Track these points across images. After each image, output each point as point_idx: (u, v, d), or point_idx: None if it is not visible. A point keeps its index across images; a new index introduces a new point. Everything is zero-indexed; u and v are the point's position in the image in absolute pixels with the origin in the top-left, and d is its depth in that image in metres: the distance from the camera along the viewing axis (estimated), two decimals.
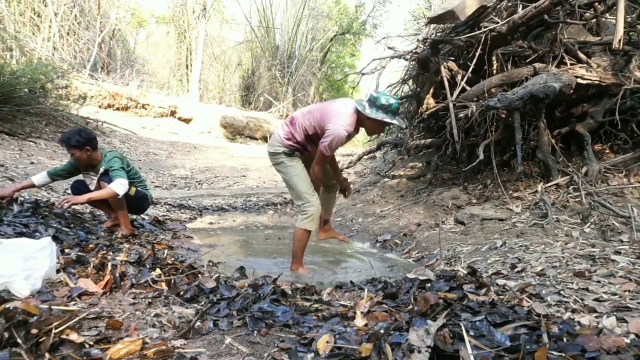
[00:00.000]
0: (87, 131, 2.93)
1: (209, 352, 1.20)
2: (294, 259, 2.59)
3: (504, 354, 1.07)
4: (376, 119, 2.34)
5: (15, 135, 5.64)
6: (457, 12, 3.27)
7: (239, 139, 13.27)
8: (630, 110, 3.49)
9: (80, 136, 2.79)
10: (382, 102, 2.33)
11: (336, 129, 2.31)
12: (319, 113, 2.42)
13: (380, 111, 2.34)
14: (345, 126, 2.33)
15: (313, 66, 16.20)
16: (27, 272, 1.51)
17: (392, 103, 2.34)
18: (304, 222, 2.50)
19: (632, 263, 1.96)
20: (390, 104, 2.33)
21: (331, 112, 2.38)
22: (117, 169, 2.79)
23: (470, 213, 3.38)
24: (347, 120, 2.35)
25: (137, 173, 3.17)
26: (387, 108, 2.33)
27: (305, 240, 2.56)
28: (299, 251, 2.57)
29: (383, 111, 2.34)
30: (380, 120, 2.35)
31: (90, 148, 2.82)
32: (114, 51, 13.98)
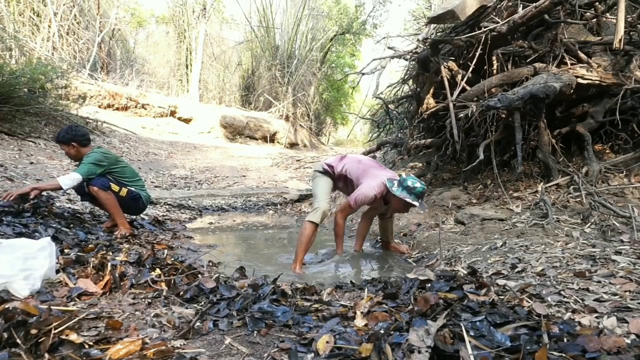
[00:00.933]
0: (77, 128, 2.97)
1: (208, 352, 1.20)
2: (295, 256, 2.70)
3: (504, 354, 1.07)
4: (399, 197, 2.60)
5: (15, 135, 5.64)
6: (457, 12, 3.27)
7: (239, 139, 13.27)
8: (630, 110, 3.48)
9: (67, 132, 2.86)
10: (408, 184, 2.60)
11: (367, 187, 2.64)
12: (363, 168, 2.80)
13: (404, 191, 2.60)
14: (376, 188, 2.64)
15: (313, 66, 16.18)
16: (27, 273, 1.51)
17: (417, 187, 2.59)
18: (310, 214, 2.80)
19: (632, 263, 1.96)
20: (414, 187, 2.59)
21: (371, 173, 2.74)
22: (84, 163, 2.83)
23: (470, 213, 3.38)
24: (378, 187, 2.66)
25: (131, 173, 3.15)
26: (411, 190, 2.59)
27: (308, 234, 2.71)
28: (300, 247, 2.70)
29: (407, 192, 2.59)
30: (403, 200, 2.59)
31: (76, 144, 2.87)
32: (114, 51, 13.97)
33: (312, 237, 2.75)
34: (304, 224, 2.78)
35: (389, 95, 6.15)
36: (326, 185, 2.96)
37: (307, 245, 2.71)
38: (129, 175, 3.12)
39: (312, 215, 2.80)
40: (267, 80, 15.42)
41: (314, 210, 2.82)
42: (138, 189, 3.14)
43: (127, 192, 3.02)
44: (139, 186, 3.19)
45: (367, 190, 2.65)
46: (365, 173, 2.77)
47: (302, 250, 2.69)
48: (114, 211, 2.94)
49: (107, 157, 2.96)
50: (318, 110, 17.98)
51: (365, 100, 6.33)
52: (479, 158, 3.51)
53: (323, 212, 2.80)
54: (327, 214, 2.87)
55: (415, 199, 2.59)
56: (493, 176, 3.69)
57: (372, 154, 6.96)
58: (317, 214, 2.78)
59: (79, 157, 2.92)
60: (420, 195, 2.61)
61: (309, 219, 2.77)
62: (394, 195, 2.65)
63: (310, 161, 8.97)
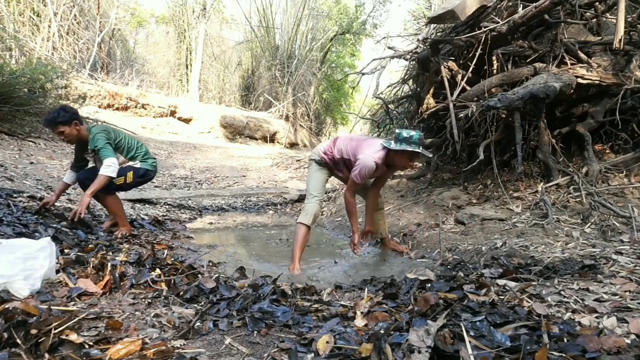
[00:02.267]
0: (69, 106, 2.85)
1: (208, 352, 1.20)
2: (292, 257, 2.71)
3: (504, 354, 1.07)
4: (401, 150, 2.57)
5: (15, 135, 5.64)
6: (457, 12, 3.27)
7: (239, 139, 13.27)
8: (630, 110, 3.48)
9: (65, 111, 2.71)
10: (404, 136, 2.57)
11: (365, 158, 2.59)
12: (356, 143, 2.74)
13: (404, 143, 2.57)
14: (375, 157, 2.60)
15: (313, 66, 16.17)
16: (27, 273, 1.51)
17: (413, 135, 2.56)
18: (301, 215, 2.81)
19: (632, 263, 1.96)
20: (411, 136, 2.56)
21: (365, 144, 2.69)
22: (102, 147, 2.72)
23: (470, 213, 3.38)
24: (377, 153, 2.62)
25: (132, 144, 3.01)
26: (408, 140, 2.56)
27: (302, 235, 2.73)
28: (296, 248, 2.71)
29: (406, 143, 2.56)
30: (405, 151, 2.57)
31: (78, 122, 2.76)
32: (114, 51, 13.97)
33: (306, 237, 2.76)
34: (297, 226, 2.79)
35: (389, 95, 6.15)
36: (320, 179, 2.93)
37: (302, 245, 2.73)
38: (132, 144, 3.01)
39: (302, 216, 2.80)
40: (267, 80, 15.42)
41: (305, 212, 2.82)
42: (143, 161, 3.01)
43: (132, 175, 2.92)
44: (143, 156, 3.04)
45: (366, 160, 2.58)
46: (360, 146, 2.69)
47: (298, 251, 2.70)
48: (117, 213, 2.92)
49: (108, 132, 2.85)
50: (318, 110, 17.98)
51: (365, 100, 6.33)
52: (479, 158, 3.51)
53: (314, 214, 2.80)
54: (318, 215, 2.85)
55: (417, 147, 2.55)
56: (493, 176, 3.69)
57: None
58: (307, 216, 2.78)
59: (79, 137, 2.79)
60: (419, 142, 2.56)
61: (300, 221, 2.78)
62: (395, 151, 2.60)
63: None
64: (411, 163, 2.75)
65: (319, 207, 2.87)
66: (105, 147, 2.74)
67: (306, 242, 2.78)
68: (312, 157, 2.98)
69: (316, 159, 2.94)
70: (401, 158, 2.65)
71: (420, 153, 2.60)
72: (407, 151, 2.57)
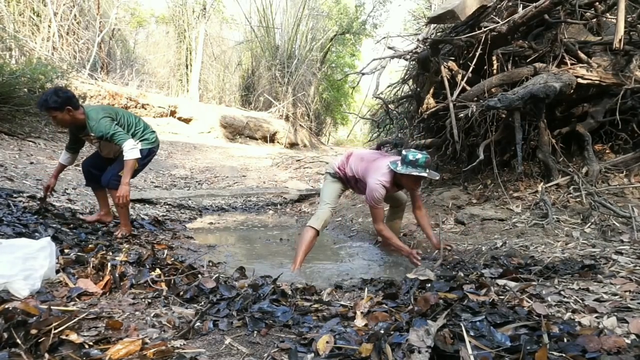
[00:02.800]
0: (63, 90, 2.65)
1: (208, 352, 1.20)
2: (294, 258, 2.70)
3: (504, 354, 1.07)
4: (407, 174, 2.55)
5: (15, 135, 5.64)
6: (457, 12, 3.27)
7: (239, 139, 13.26)
8: (630, 110, 3.48)
9: (57, 96, 2.53)
10: (410, 159, 2.54)
11: (372, 185, 2.62)
12: (365, 165, 2.77)
13: (409, 167, 2.54)
14: (382, 180, 2.61)
15: (313, 66, 16.16)
16: (27, 273, 1.51)
17: (419, 158, 2.53)
18: (312, 219, 2.82)
19: (632, 263, 1.96)
20: (417, 159, 2.53)
21: (373, 167, 2.71)
22: (113, 132, 2.62)
23: (470, 213, 3.38)
24: (384, 177, 2.63)
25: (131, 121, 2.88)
26: (414, 163, 2.53)
27: (308, 239, 2.72)
28: (299, 250, 2.70)
29: (412, 166, 2.53)
30: (411, 175, 2.54)
31: (71, 107, 2.58)
32: (114, 51, 13.96)
33: (312, 241, 2.75)
34: (305, 228, 2.80)
35: (389, 95, 6.15)
36: (334, 190, 2.97)
37: (307, 249, 2.72)
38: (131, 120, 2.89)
39: (313, 220, 2.81)
40: (267, 80, 15.41)
41: (315, 216, 2.84)
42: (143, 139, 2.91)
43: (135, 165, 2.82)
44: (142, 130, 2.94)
45: (374, 186, 2.62)
46: (368, 169, 2.73)
47: (301, 253, 2.69)
48: (121, 211, 2.85)
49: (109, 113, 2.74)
50: (318, 110, 17.97)
51: (365, 100, 6.33)
52: (479, 158, 3.51)
53: (324, 220, 2.82)
54: (328, 222, 2.87)
55: (422, 170, 2.55)
56: (493, 176, 3.69)
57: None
58: (317, 220, 2.80)
59: (73, 122, 2.65)
60: (424, 165, 2.56)
61: (309, 224, 2.79)
62: (401, 175, 2.61)
63: (310, 161, 8.97)
64: (416, 185, 2.76)
65: (331, 214, 2.89)
66: (116, 130, 2.63)
67: (311, 246, 2.76)
68: (328, 171, 3.06)
69: (331, 172, 3.01)
70: (407, 180, 2.65)
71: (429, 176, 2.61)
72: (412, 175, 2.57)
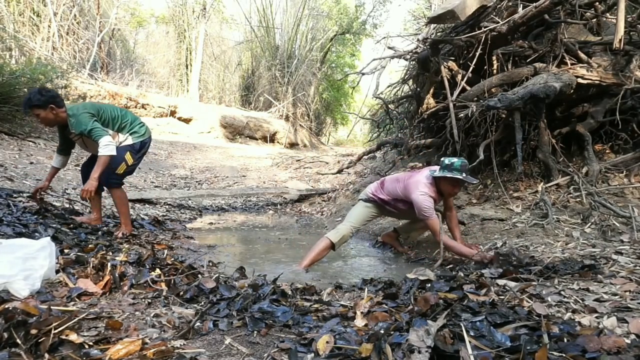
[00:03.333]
0: (47, 89, 2.69)
1: (208, 352, 1.20)
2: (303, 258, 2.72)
3: (504, 354, 1.07)
4: (444, 177, 2.64)
5: (15, 135, 5.64)
6: (457, 12, 3.27)
7: (239, 139, 13.26)
8: (630, 110, 3.48)
9: (41, 95, 2.57)
10: (446, 163, 2.64)
11: (417, 198, 2.66)
12: (403, 184, 2.82)
13: (446, 171, 2.62)
14: (425, 192, 2.67)
15: (313, 66, 16.15)
16: (27, 273, 1.51)
17: (455, 162, 2.61)
18: (331, 232, 2.87)
19: (632, 263, 1.96)
20: (452, 163, 2.61)
21: (412, 183, 2.75)
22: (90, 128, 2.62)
23: (470, 213, 3.38)
24: (425, 188, 2.69)
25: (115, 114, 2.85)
26: (450, 167, 2.61)
27: (321, 247, 2.76)
28: (310, 254, 2.73)
29: (448, 170, 2.61)
30: (447, 177, 2.62)
31: (54, 106, 2.60)
32: (114, 51, 13.95)
33: (323, 252, 2.77)
34: (322, 238, 2.83)
35: (389, 95, 6.15)
36: (364, 213, 3.00)
37: (316, 257, 2.73)
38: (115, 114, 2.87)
39: (331, 232, 2.85)
40: (267, 80, 15.41)
41: (336, 230, 2.87)
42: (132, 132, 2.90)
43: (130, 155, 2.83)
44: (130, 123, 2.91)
45: (420, 198, 2.65)
46: (408, 187, 2.76)
47: (308, 259, 2.70)
48: (122, 210, 2.87)
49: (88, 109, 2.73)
50: (318, 110, 17.96)
51: (365, 100, 6.34)
52: (479, 158, 3.51)
53: (343, 235, 2.83)
54: (347, 239, 2.89)
55: (458, 173, 2.58)
56: (493, 176, 3.69)
57: (372, 154, 6.97)
58: (336, 234, 2.82)
59: (57, 121, 2.66)
60: (460, 169, 2.60)
61: (327, 235, 2.82)
62: (440, 179, 2.68)
63: (310, 161, 8.98)
64: (456, 190, 2.75)
65: (351, 232, 2.90)
66: (94, 126, 2.64)
67: (321, 256, 2.77)
68: (361, 197, 3.09)
69: (364, 198, 3.04)
70: (446, 185, 2.69)
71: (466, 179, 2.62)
72: (448, 178, 2.63)
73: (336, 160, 8.82)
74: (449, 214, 2.92)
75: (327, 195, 6.04)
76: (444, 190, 2.73)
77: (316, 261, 2.73)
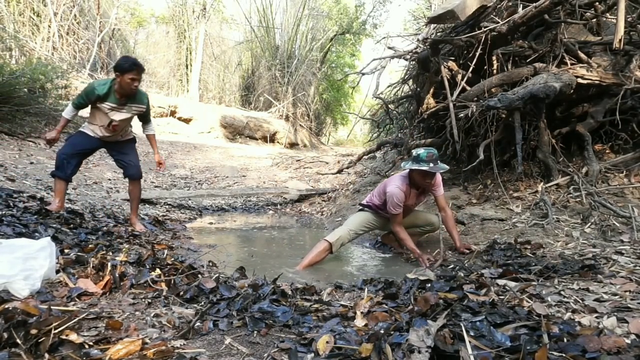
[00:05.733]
0: None
1: (208, 352, 1.20)
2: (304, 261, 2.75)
3: (504, 354, 1.07)
4: (412, 170, 2.72)
5: (15, 135, 5.63)
6: (457, 12, 3.27)
7: (239, 139, 13.26)
8: (630, 110, 3.48)
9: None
10: (413, 155, 2.71)
11: (390, 190, 2.76)
12: (383, 184, 2.96)
13: (414, 163, 2.69)
14: (397, 185, 2.76)
15: (313, 66, 16.14)
16: (27, 273, 1.51)
17: (420, 153, 2.67)
18: (328, 235, 2.90)
19: (632, 263, 1.96)
20: (418, 155, 2.67)
21: (389, 180, 2.89)
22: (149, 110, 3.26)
23: (470, 213, 3.38)
24: (398, 181, 2.80)
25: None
26: (417, 158, 2.67)
27: (319, 250, 2.79)
28: (308, 256, 2.76)
29: (415, 162, 2.68)
30: (416, 170, 2.70)
31: None
32: (114, 51, 13.94)
33: (322, 254, 2.80)
34: (321, 240, 2.87)
35: (389, 95, 6.15)
36: (362, 219, 3.06)
37: (314, 259, 2.76)
38: None
39: (330, 235, 2.89)
40: (267, 80, 15.40)
41: (333, 233, 2.92)
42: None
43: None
44: None
45: (392, 191, 2.74)
46: (386, 184, 2.89)
47: (309, 260, 2.73)
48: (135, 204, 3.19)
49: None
50: (318, 110, 17.96)
51: (365, 100, 6.33)
52: (479, 158, 3.51)
53: (340, 237, 2.87)
54: (344, 242, 2.93)
55: (425, 164, 2.63)
56: (493, 176, 3.69)
57: (372, 154, 6.97)
58: (333, 236, 2.87)
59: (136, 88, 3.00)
60: (426, 159, 2.63)
61: (326, 237, 2.87)
62: (413, 174, 2.76)
63: (310, 161, 8.97)
64: (427, 180, 2.76)
65: (349, 235, 2.94)
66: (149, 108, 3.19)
67: (321, 258, 2.79)
68: (358, 208, 3.23)
69: (360, 207, 3.18)
70: (417, 176, 2.76)
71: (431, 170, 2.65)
72: (415, 169, 2.68)
73: (336, 160, 8.82)
74: (444, 215, 2.93)
75: (327, 195, 6.04)
76: (417, 181, 2.79)
77: (314, 263, 2.75)
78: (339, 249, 2.91)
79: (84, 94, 2.88)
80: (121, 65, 2.81)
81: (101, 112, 2.92)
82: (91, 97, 2.87)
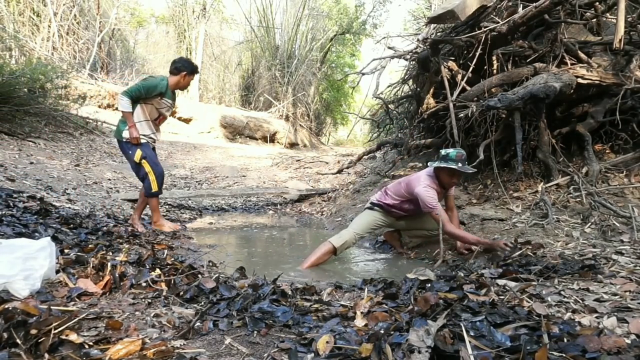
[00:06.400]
0: None
1: (208, 352, 1.20)
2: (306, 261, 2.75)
3: (504, 354, 1.07)
4: (440, 168, 2.72)
5: (15, 135, 5.63)
6: (458, 12, 3.27)
7: (239, 139, 13.26)
8: (630, 110, 3.48)
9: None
10: (442, 154, 2.72)
11: (420, 191, 2.73)
12: (404, 184, 2.90)
13: (442, 161, 2.70)
14: (427, 184, 2.74)
15: (313, 66, 16.14)
16: (27, 273, 1.51)
17: (450, 152, 2.70)
18: (333, 237, 2.88)
19: (632, 263, 1.96)
20: (448, 154, 2.69)
21: (413, 180, 2.84)
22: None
23: (470, 213, 3.38)
24: (427, 180, 2.77)
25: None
26: (446, 157, 2.69)
27: (323, 251, 2.78)
28: (312, 257, 2.76)
29: (443, 161, 2.69)
30: (445, 169, 2.70)
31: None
32: (114, 51, 13.95)
33: (326, 255, 2.80)
34: (325, 242, 2.84)
35: (389, 95, 6.15)
36: (369, 220, 3.03)
37: (317, 260, 2.75)
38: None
39: (335, 238, 2.86)
40: (267, 80, 15.40)
41: (338, 235, 2.89)
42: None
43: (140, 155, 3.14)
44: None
45: (422, 190, 2.71)
46: (410, 184, 2.84)
47: (311, 261, 2.73)
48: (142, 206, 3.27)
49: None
50: (318, 110, 17.96)
51: (365, 100, 6.34)
52: (479, 158, 3.51)
53: (346, 240, 2.85)
54: (349, 245, 2.92)
55: (454, 163, 2.64)
56: (493, 176, 3.69)
57: (372, 154, 6.97)
58: (339, 238, 2.85)
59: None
60: (456, 159, 2.65)
61: (330, 240, 2.84)
62: (439, 171, 2.75)
63: (310, 161, 8.97)
64: (454, 180, 2.79)
65: (354, 238, 2.92)
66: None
67: (323, 260, 2.79)
68: (367, 206, 3.15)
69: (369, 206, 3.10)
70: (444, 176, 2.75)
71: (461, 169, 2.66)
72: (445, 168, 2.68)
73: (336, 160, 8.82)
74: (450, 214, 2.93)
75: (327, 195, 6.04)
76: (443, 180, 2.78)
77: (317, 264, 2.75)
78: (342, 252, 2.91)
79: (144, 89, 2.98)
80: (189, 66, 3.12)
81: (152, 107, 3.11)
82: (152, 92, 3.00)
